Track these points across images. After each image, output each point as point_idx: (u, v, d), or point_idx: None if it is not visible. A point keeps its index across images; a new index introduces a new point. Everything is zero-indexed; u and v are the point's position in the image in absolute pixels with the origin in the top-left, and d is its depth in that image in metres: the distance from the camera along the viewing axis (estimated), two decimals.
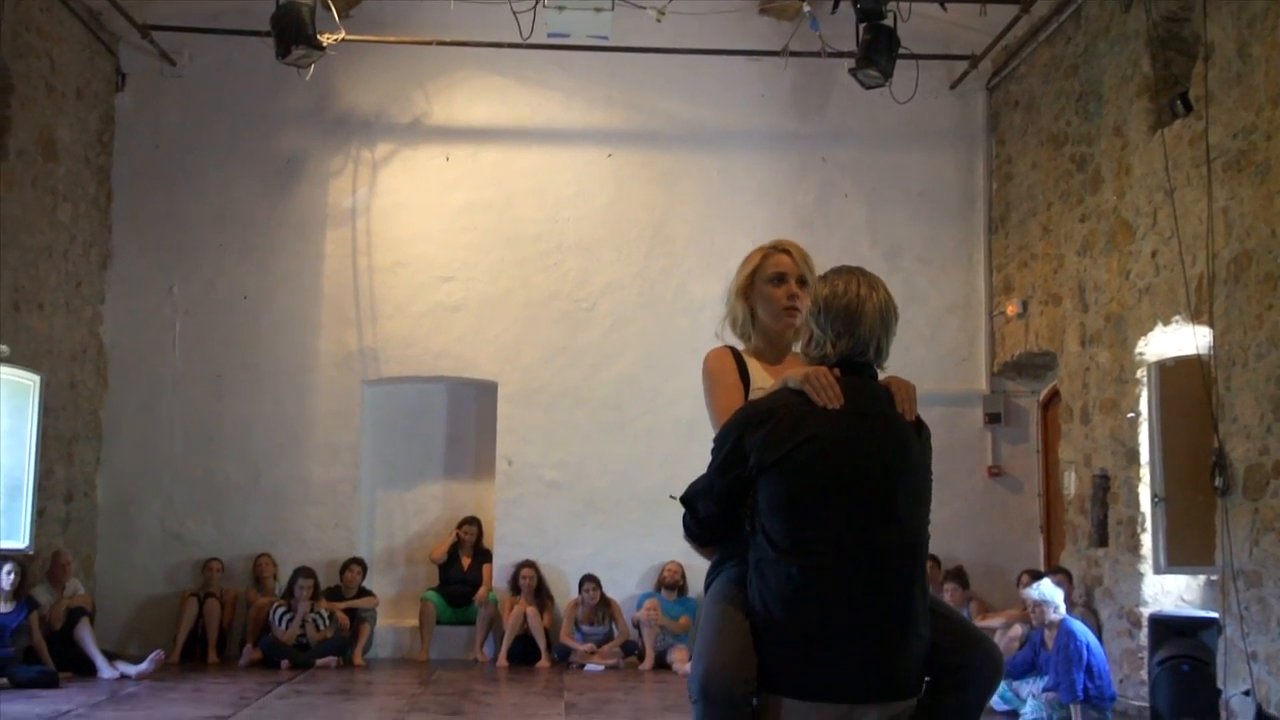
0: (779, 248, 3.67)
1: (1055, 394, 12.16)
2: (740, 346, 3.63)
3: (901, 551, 3.12)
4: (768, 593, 3.08)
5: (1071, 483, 11.09)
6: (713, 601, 3.27)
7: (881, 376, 3.30)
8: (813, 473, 3.07)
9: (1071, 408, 11.11)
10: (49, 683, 10.03)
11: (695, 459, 3.67)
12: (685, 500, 3.33)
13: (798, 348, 3.50)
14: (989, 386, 13.10)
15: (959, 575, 11.77)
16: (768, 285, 3.58)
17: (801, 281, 3.56)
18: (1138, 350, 9.82)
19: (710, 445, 3.34)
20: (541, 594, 12.48)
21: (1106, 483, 10.29)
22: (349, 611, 12.23)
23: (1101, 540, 10.34)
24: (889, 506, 3.10)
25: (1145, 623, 9.25)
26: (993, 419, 13.01)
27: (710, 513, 3.26)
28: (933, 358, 13.09)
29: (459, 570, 12.94)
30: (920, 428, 3.30)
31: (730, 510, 3.24)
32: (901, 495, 3.15)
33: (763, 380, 3.45)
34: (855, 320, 3.17)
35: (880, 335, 3.22)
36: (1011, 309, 12.43)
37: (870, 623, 3.04)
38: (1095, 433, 10.57)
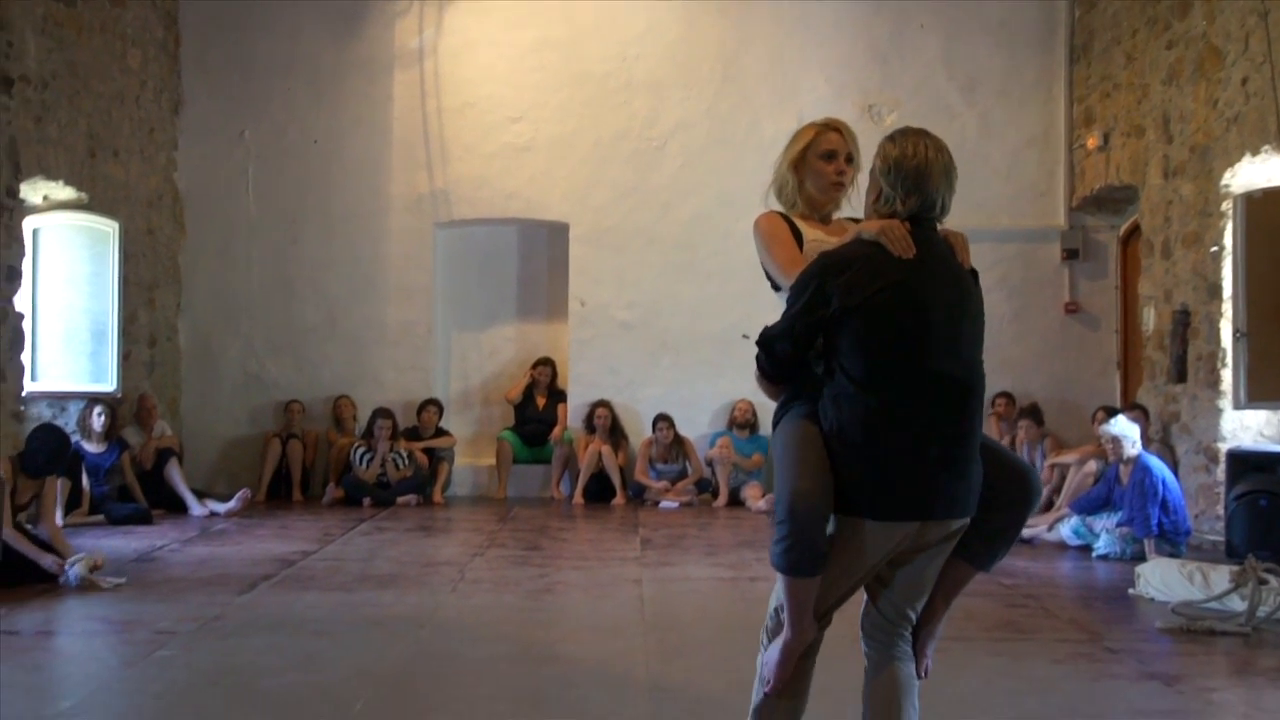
0: (831, 126, 3.86)
1: (1135, 228, 11.91)
2: (784, 211, 3.85)
3: (964, 387, 3.41)
4: (846, 424, 3.33)
5: (1150, 318, 10.93)
6: (788, 433, 3.45)
7: (940, 229, 3.54)
8: (890, 315, 3.32)
9: (1153, 242, 10.88)
10: (143, 519, 10.39)
11: (766, 299, 3.80)
12: (762, 342, 3.52)
13: (838, 214, 3.83)
14: (1067, 222, 12.85)
15: (1034, 412, 11.73)
16: (819, 160, 3.79)
17: (849, 159, 3.80)
18: (1223, 182, 9.56)
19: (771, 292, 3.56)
20: (616, 433, 12.63)
21: (1187, 318, 10.13)
22: (427, 451, 12.47)
23: (1180, 376, 10.22)
24: (955, 346, 3.41)
25: (1223, 458, 9.20)
26: (1070, 255, 12.80)
27: (787, 353, 3.48)
28: (1009, 193, 12.85)
29: (534, 410, 13.11)
30: (974, 276, 3.56)
31: (804, 350, 3.46)
32: (964, 336, 3.46)
33: (814, 236, 3.70)
34: (924, 179, 3.43)
35: (945, 193, 3.47)
36: (1092, 142, 12.10)
37: (939, 449, 3.33)
38: (1176, 267, 10.37)
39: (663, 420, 12.42)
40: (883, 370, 3.32)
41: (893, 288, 3.32)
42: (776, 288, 3.67)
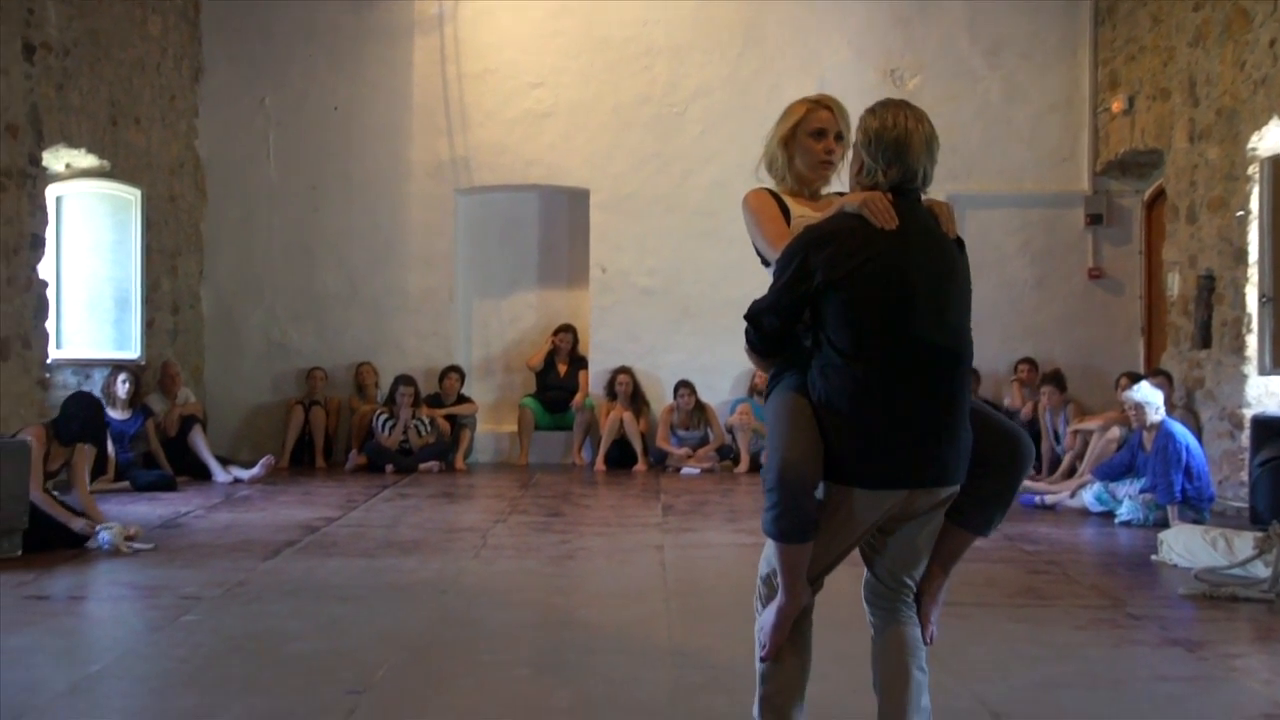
0: (822, 103, 3.87)
1: (1160, 193, 11.81)
2: (774, 187, 3.91)
3: (951, 355, 3.44)
4: (834, 394, 3.39)
5: (1175, 284, 10.86)
6: (778, 405, 3.54)
7: (925, 199, 3.58)
8: (875, 286, 3.37)
9: (1178, 207, 10.80)
10: (168, 486, 10.46)
11: None
12: (750, 317, 3.61)
13: (826, 191, 3.89)
14: (1091, 186, 12.75)
15: (1056, 378, 11.68)
16: (809, 138, 3.82)
17: (838, 137, 3.82)
18: (1250, 145, 9.46)
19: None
20: (637, 399, 12.65)
21: (1212, 283, 10.05)
22: (449, 418, 12.51)
23: (1204, 342, 10.16)
24: (940, 314, 3.43)
25: (1247, 424, 9.15)
26: (1094, 220, 12.71)
27: (774, 327, 3.55)
28: (1033, 158, 12.76)
29: (555, 377, 13.13)
30: (960, 245, 3.58)
31: (791, 324, 3.54)
32: (951, 305, 3.47)
33: (801, 212, 3.76)
34: (904, 150, 3.44)
35: (926, 163, 3.49)
36: (1117, 105, 12.00)
37: (926, 417, 3.38)
38: (1202, 232, 10.29)
39: (684, 386, 12.41)
40: (869, 341, 3.37)
41: (876, 259, 3.37)
42: (766, 263, 3.75)
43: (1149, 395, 8.89)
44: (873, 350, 3.37)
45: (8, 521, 7.20)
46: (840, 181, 3.91)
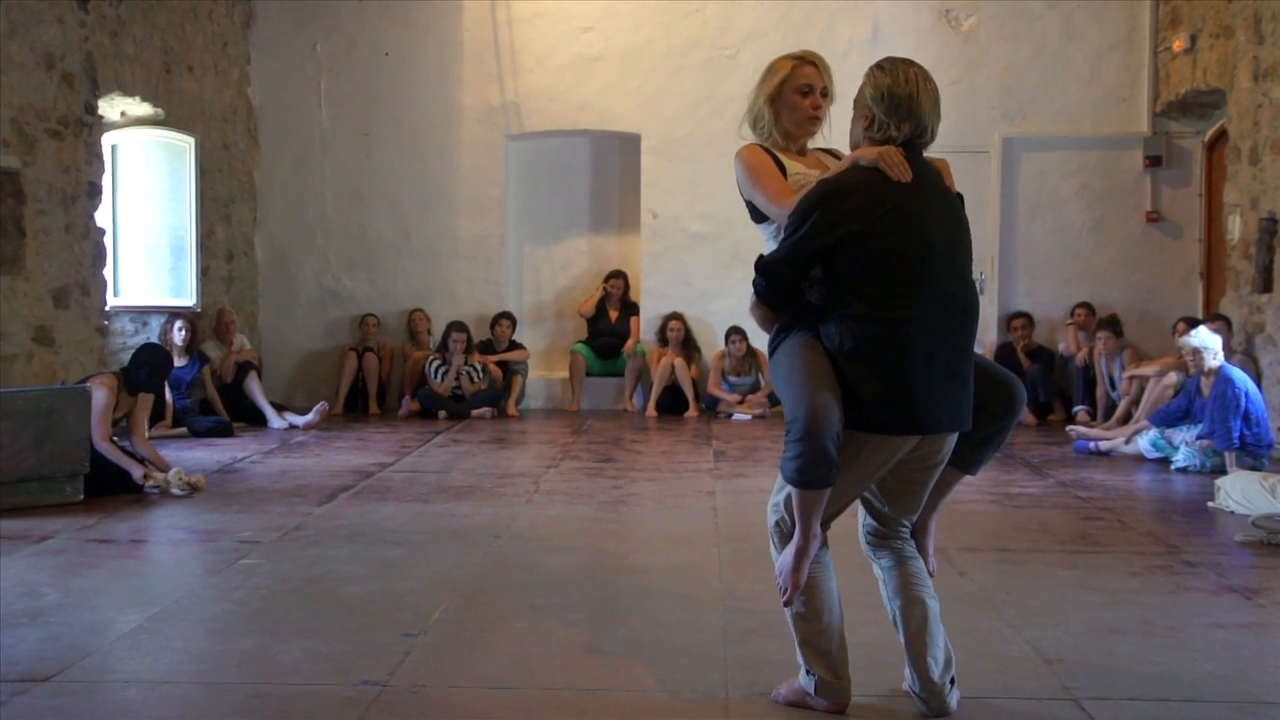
0: (807, 59, 3.96)
1: (1222, 134, 11.58)
2: (760, 143, 3.99)
3: (963, 303, 3.60)
4: (853, 344, 3.51)
5: (1236, 227, 10.67)
6: (793, 355, 3.61)
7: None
8: (894, 237, 3.50)
9: (1240, 148, 10.59)
10: (224, 432, 10.58)
11: None
12: (763, 268, 3.71)
13: (811, 145, 4.01)
14: (1150, 128, 12.52)
15: (1113, 323, 11.55)
16: (795, 95, 3.90)
17: (824, 93, 3.91)
18: None
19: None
20: (689, 345, 12.64)
21: (1274, 226, 9.87)
22: (501, 364, 12.56)
23: (1265, 286, 10.00)
24: (952, 265, 3.59)
25: None
26: (1153, 162, 12.49)
27: (789, 278, 3.67)
28: (1090, 99, 12.55)
29: (607, 323, 13.14)
30: (960, 199, 3.72)
31: (803, 277, 3.65)
32: (960, 256, 3.64)
33: (796, 168, 3.84)
34: (916, 106, 3.56)
35: (933, 120, 3.62)
36: (1178, 44, 11.74)
37: (942, 364, 3.53)
38: (1264, 174, 10.09)
39: (735, 333, 12.38)
40: (888, 290, 3.49)
41: (894, 211, 3.50)
42: (758, 219, 3.91)
43: (1207, 340, 8.77)
44: (891, 300, 3.49)
45: (70, 467, 7.33)
46: (825, 139, 3.99)
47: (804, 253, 3.58)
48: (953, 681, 3.76)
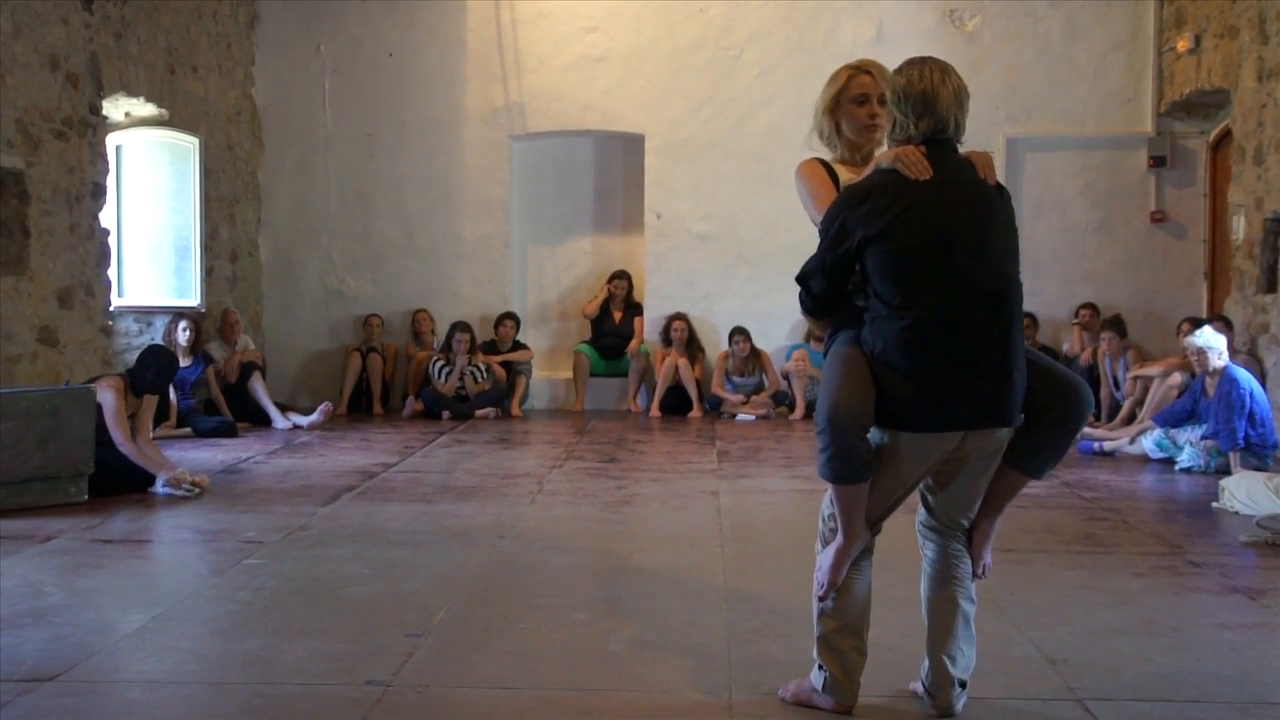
0: (862, 69, 3.97)
1: (1226, 134, 11.57)
2: (827, 157, 4.02)
3: (996, 295, 3.53)
4: (885, 344, 3.51)
5: (1240, 227, 10.66)
6: (834, 355, 3.67)
7: (963, 150, 3.67)
8: (913, 235, 3.48)
9: (1244, 148, 10.58)
10: (228, 432, 10.59)
11: None
12: (801, 280, 3.73)
13: (878, 152, 3.91)
14: (1154, 128, 12.51)
15: (1117, 324, 11.54)
16: (852, 105, 3.92)
17: (881, 100, 3.86)
18: None
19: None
20: (693, 346, 12.64)
21: (1279, 226, 9.86)
22: (505, 364, 12.56)
23: (1270, 286, 9.98)
24: (981, 254, 3.52)
25: None
26: (1157, 162, 12.48)
27: (822, 287, 3.69)
28: (1095, 99, 12.54)
29: (611, 324, 13.14)
30: (1002, 191, 3.66)
31: (840, 284, 3.66)
32: (991, 244, 3.56)
33: (849, 179, 3.82)
34: (932, 102, 3.55)
35: (956, 112, 3.59)
36: (1183, 44, 11.73)
37: (975, 359, 3.49)
38: (1269, 174, 10.08)
39: (739, 333, 12.38)
40: (912, 289, 3.48)
41: (912, 209, 3.48)
42: None
43: (1211, 340, 8.76)
44: (917, 298, 3.47)
45: (74, 467, 7.34)
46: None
47: (831, 261, 3.61)
48: (963, 685, 3.76)
